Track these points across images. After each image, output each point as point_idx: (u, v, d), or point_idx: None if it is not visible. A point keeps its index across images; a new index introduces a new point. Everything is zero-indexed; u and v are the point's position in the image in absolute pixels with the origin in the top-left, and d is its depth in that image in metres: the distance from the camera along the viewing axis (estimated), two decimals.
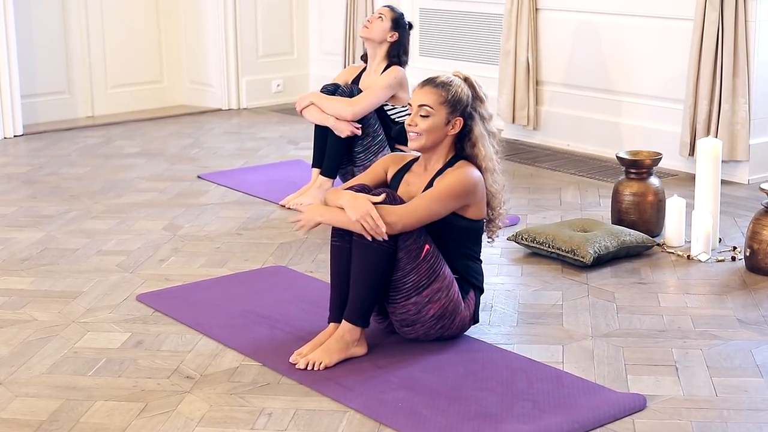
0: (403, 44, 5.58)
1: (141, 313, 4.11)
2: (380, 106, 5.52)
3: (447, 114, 3.72)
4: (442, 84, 3.74)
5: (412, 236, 3.60)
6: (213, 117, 8.22)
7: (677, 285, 4.43)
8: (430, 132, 3.73)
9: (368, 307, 3.64)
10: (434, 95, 3.72)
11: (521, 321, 4.02)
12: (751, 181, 6.00)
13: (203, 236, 5.12)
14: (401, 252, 3.59)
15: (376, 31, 5.54)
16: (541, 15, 6.97)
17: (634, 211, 5.00)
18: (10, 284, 4.45)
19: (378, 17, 5.55)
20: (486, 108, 3.81)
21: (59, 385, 3.47)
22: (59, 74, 7.98)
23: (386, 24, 5.53)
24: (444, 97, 3.72)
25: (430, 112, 3.72)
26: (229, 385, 3.46)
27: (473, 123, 3.76)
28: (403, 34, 5.56)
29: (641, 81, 6.52)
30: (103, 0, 8.12)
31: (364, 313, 3.63)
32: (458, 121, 3.74)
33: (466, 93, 3.75)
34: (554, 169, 6.38)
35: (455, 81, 3.77)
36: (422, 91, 3.75)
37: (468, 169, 3.73)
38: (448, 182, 3.69)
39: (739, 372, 3.55)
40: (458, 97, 3.73)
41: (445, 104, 3.72)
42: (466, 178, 3.70)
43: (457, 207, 3.71)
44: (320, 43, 8.72)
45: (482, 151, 3.76)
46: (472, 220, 3.76)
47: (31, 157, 6.89)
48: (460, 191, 3.69)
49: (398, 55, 5.57)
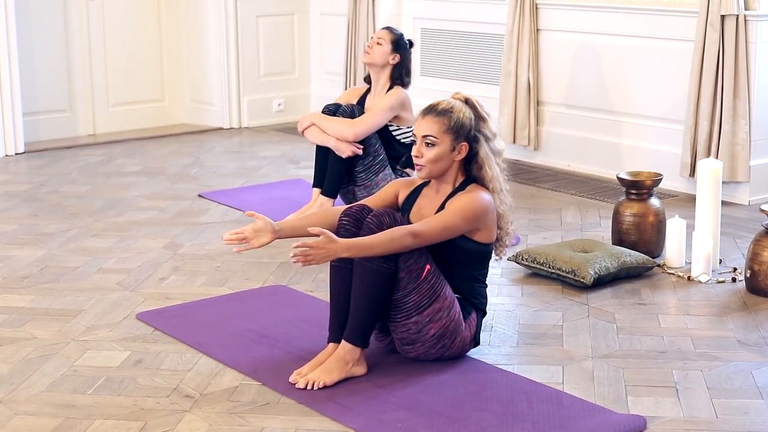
0: (406, 65, 5.60)
1: (141, 332, 4.11)
2: (384, 127, 5.53)
3: (452, 141, 3.71)
4: (443, 111, 3.73)
5: (413, 256, 3.60)
6: (214, 136, 8.23)
7: (677, 306, 4.42)
8: (436, 161, 3.72)
9: (368, 328, 3.63)
10: (437, 124, 3.71)
11: (521, 341, 4.02)
12: (752, 202, 6.00)
13: (204, 255, 5.12)
14: (402, 272, 3.59)
15: (378, 55, 5.56)
16: (542, 35, 6.99)
17: (634, 231, 5.00)
18: (11, 302, 4.45)
19: (377, 42, 5.57)
20: (489, 127, 3.80)
21: (59, 403, 3.47)
22: (61, 92, 8.00)
23: (386, 47, 5.55)
24: (447, 124, 3.71)
25: (435, 141, 3.71)
26: (228, 405, 3.46)
27: (478, 146, 3.75)
28: (404, 55, 5.58)
29: (642, 102, 6.53)
30: (105, 18, 8.14)
31: (364, 333, 3.62)
32: (463, 146, 3.73)
33: (468, 117, 3.74)
34: (555, 190, 6.38)
35: (456, 106, 3.75)
36: (424, 120, 3.74)
37: (479, 193, 3.73)
38: (459, 205, 3.69)
39: (740, 393, 3.55)
40: (461, 123, 3.72)
41: (449, 132, 3.71)
42: (477, 202, 3.70)
43: (468, 230, 3.71)
44: (322, 62, 8.74)
45: (489, 172, 3.76)
46: (481, 243, 3.76)
47: (32, 174, 6.90)
48: (471, 215, 3.69)
49: (401, 77, 5.59)
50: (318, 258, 3.47)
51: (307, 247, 3.46)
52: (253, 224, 3.67)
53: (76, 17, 8.00)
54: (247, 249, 3.69)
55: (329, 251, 3.48)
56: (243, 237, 3.66)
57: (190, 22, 8.53)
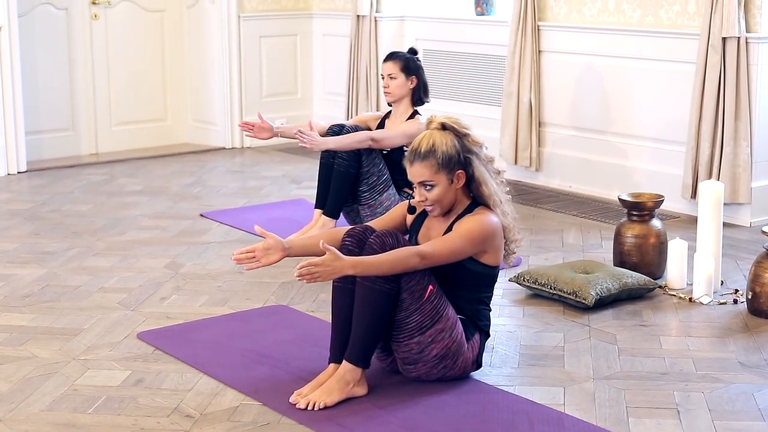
0: (423, 82, 5.64)
1: (142, 351, 4.11)
2: (400, 149, 5.56)
3: (447, 175, 3.72)
4: (428, 153, 3.70)
5: (415, 277, 3.60)
6: (216, 155, 8.24)
7: (679, 327, 4.42)
8: (441, 198, 3.74)
9: (369, 348, 3.63)
10: (427, 167, 3.70)
11: (523, 363, 4.01)
12: (753, 224, 6.00)
13: (205, 274, 5.12)
14: (404, 293, 3.59)
15: (397, 90, 5.60)
16: (544, 57, 7.01)
17: (636, 253, 5.00)
18: (12, 320, 4.45)
19: (390, 77, 5.58)
20: (473, 140, 3.77)
21: (59, 422, 3.46)
22: (63, 111, 8.02)
23: (401, 78, 5.58)
24: (437, 164, 3.69)
25: (432, 183, 3.72)
26: (229, 425, 3.45)
27: (472, 167, 3.76)
28: (419, 74, 5.61)
29: (643, 123, 6.54)
30: (108, 38, 8.17)
31: (365, 353, 3.62)
32: (460, 174, 3.74)
33: (452, 145, 3.72)
34: (556, 211, 6.38)
35: (437, 140, 3.71)
36: (414, 168, 3.72)
37: (487, 215, 3.74)
38: (467, 227, 3.70)
39: (741, 415, 3.54)
40: (449, 156, 3.70)
41: (441, 169, 3.70)
42: (484, 225, 3.71)
43: (474, 252, 3.72)
44: (324, 83, 8.76)
45: (486, 189, 3.77)
46: (488, 266, 3.77)
47: (34, 193, 6.90)
48: (478, 237, 3.70)
49: (420, 98, 5.64)
50: (324, 275, 3.47)
51: (313, 264, 3.46)
52: (263, 242, 3.67)
53: (79, 37, 8.02)
54: (257, 267, 3.69)
55: (335, 268, 3.48)
56: (253, 255, 3.67)
57: (192, 42, 8.56)
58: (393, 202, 5.49)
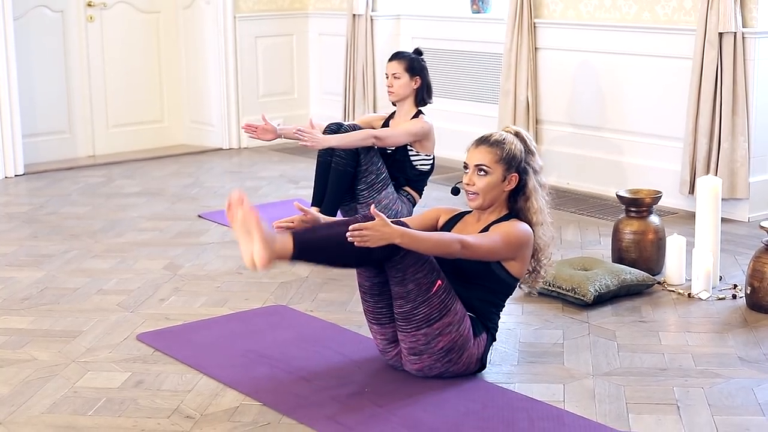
0: (426, 83, 5.68)
1: (141, 353, 4.11)
2: (404, 149, 5.60)
3: (503, 171, 3.80)
4: (496, 142, 3.82)
5: (423, 270, 3.63)
6: (213, 156, 8.24)
7: (678, 323, 4.42)
8: (488, 190, 3.81)
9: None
10: (490, 154, 3.80)
11: (522, 360, 4.01)
12: (751, 219, 6.00)
13: (204, 275, 5.12)
14: (411, 284, 3.62)
15: (401, 90, 5.65)
16: (541, 54, 7.01)
17: (634, 249, 5.00)
18: (11, 323, 4.45)
19: (395, 77, 5.62)
20: (537, 161, 3.90)
21: (59, 424, 3.46)
22: (60, 114, 8.01)
23: (405, 78, 5.63)
24: (499, 155, 3.80)
25: (488, 170, 3.80)
26: (229, 425, 3.45)
27: (527, 177, 3.85)
28: (423, 75, 5.65)
29: (641, 119, 6.55)
30: (104, 40, 8.16)
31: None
32: (514, 177, 3.82)
33: (519, 149, 3.84)
34: (554, 208, 6.34)
35: (508, 138, 3.85)
36: (477, 150, 3.83)
37: (524, 225, 3.82)
38: (505, 230, 3.77)
39: (741, 410, 3.54)
40: (513, 154, 3.81)
41: (501, 162, 3.80)
42: (521, 231, 3.78)
43: (507, 256, 3.78)
44: (320, 83, 8.76)
45: (534, 204, 3.86)
46: (510, 275, 3.82)
47: (31, 196, 6.90)
48: (515, 241, 3.75)
49: (423, 99, 5.68)
50: (373, 240, 3.51)
51: (364, 228, 3.49)
52: (301, 216, 3.80)
53: (75, 39, 8.02)
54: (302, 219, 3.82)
55: (384, 234, 3.51)
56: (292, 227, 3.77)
57: (189, 43, 8.55)
58: (391, 200, 5.50)
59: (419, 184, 5.73)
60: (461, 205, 4.09)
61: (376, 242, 3.52)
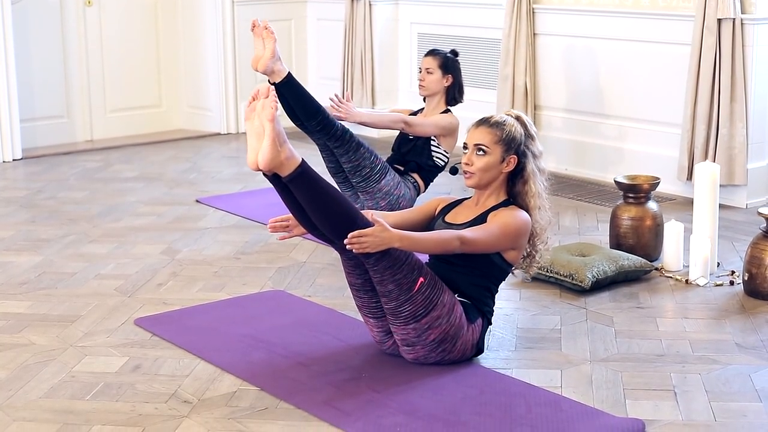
0: (459, 82, 5.78)
1: (139, 338, 4.11)
2: (427, 139, 5.71)
3: (502, 152, 3.82)
4: (496, 124, 3.84)
5: (401, 272, 3.62)
6: (211, 141, 8.23)
7: (675, 309, 4.42)
8: (486, 170, 3.82)
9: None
10: (489, 134, 3.82)
11: (519, 346, 4.02)
12: (749, 205, 6.01)
13: (201, 260, 5.12)
14: (391, 284, 3.63)
15: (432, 85, 5.75)
16: (539, 40, 7.00)
17: (632, 235, 5.00)
18: (8, 308, 4.44)
19: (428, 72, 5.72)
20: (537, 145, 3.91)
21: (57, 409, 3.46)
22: (58, 98, 8.00)
23: (437, 74, 5.73)
24: (499, 136, 3.82)
25: (486, 150, 3.81)
26: (227, 410, 3.46)
27: (526, 161, 3.86)
28: (456, 74, 5.76)
29: (639, 105, 6.54)
30: (102, 24, 8.14)
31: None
32: (512, 159, 3.83)
33: (519, 131, 3.85)
34: (552, 194, 6.31)
35: (509, 120, 3.86)
36: (477, 130, 3.85)
37: (523, 213, 3.83)
38: (504, 221, 3.77)
39: (738, 396, 3.55)
40: (512, 136, 3.83)
41: (500, 143, 3.82)
42: (520, 221, 3.79)
43: (505, 247, 3.80)
44: (319, 68, 8.74)
45: (533, 188, 3.87)
46: (506, 261, 3.84)
47: (29, 181, 6.89)
48: (513, 232, 3.77)
49: (455, 98, 5.78)
50: (372, 246, 3.51)
51: (362, 235, 3.49)
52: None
53: (73, 23, 8.00)
54: (290, 237, 3.82)
55: (383, 240, 3.52)
56: (287, 225, 3.77)
57: (187, 28, 8.53)
58: (392, 186, 5.52)
59: (429, 175, 5.79)
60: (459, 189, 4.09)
61: (376, 248, 3.52)
